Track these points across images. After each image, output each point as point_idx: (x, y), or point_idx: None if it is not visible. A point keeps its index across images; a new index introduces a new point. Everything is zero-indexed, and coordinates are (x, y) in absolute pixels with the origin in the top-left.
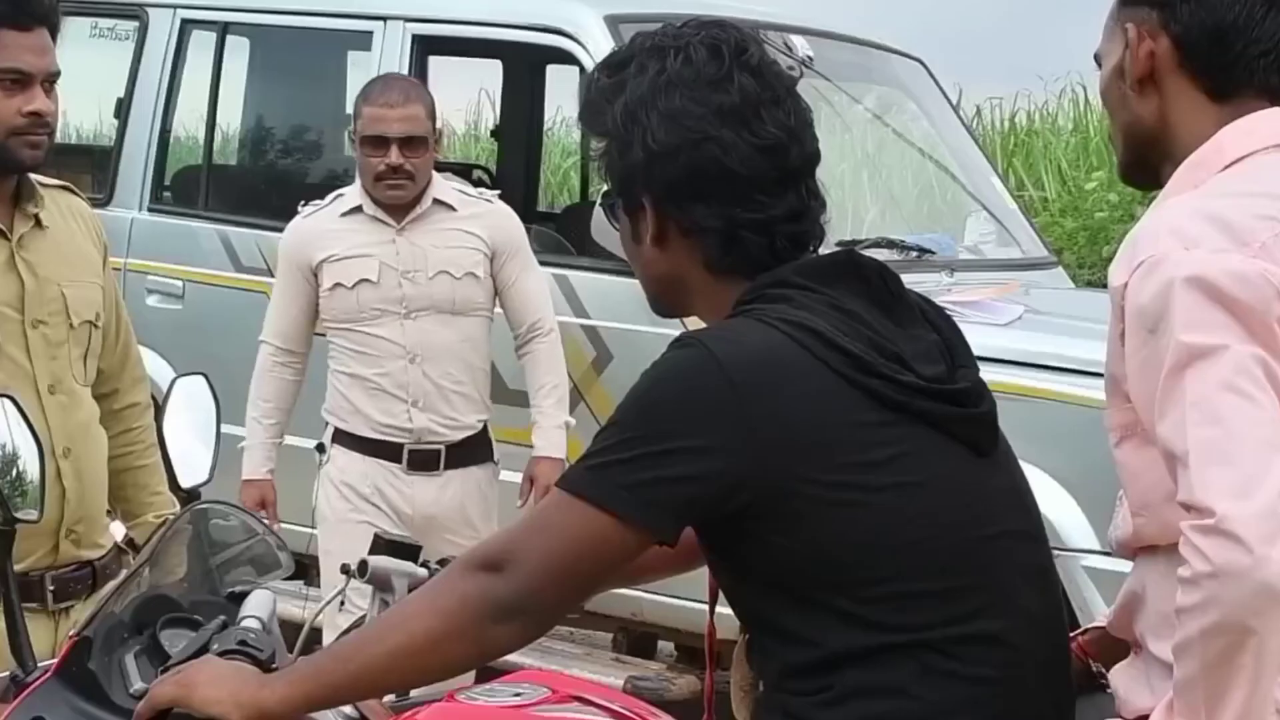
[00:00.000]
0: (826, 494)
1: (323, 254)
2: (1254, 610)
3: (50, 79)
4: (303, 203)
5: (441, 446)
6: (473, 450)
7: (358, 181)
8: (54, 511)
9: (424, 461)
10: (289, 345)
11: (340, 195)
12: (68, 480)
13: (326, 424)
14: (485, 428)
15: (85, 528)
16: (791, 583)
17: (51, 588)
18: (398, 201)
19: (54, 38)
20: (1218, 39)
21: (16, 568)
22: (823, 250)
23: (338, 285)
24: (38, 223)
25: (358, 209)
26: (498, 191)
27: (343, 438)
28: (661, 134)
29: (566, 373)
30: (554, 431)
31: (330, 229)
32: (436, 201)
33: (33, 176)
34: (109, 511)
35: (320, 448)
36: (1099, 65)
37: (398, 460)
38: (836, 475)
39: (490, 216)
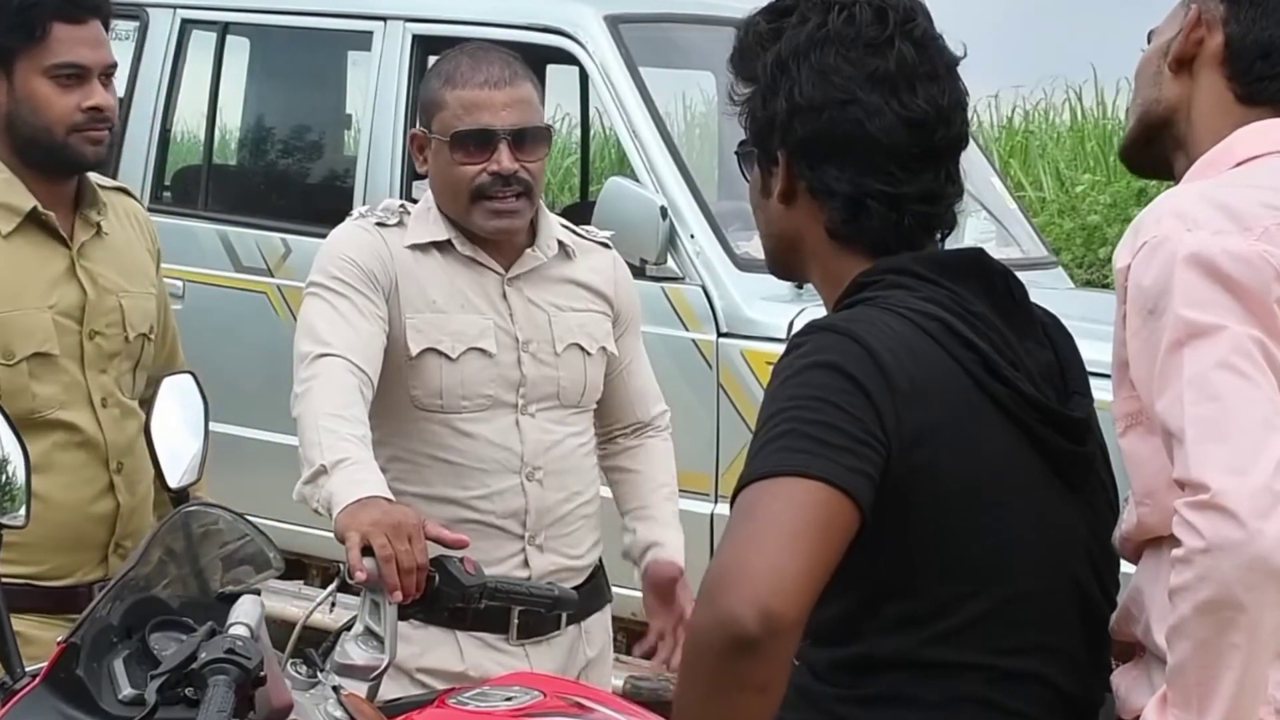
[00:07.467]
0: (938, 499)
1: (413, 291)
2: (1247, 584)
3: (107, 72)
4: (365, 209)
5: None
6: (596, 592)
7: (425, 201)
8: (105, 527)
9: (541, 623)
10: (364, 366)
11: (388, 212)
12: (121, 495)
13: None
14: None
15: (134, 542)
16: (869, 579)
17: None
18: (507, 230)
19: (107, 28)
20: (1265, 53)
21: (64, 581)
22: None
23: (430, 352)
24: (98, 231)
25: (446, 244)
26: (610, 232)
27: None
28: (808, 88)
29: None
30: (676, 535)
31: (410, 259)
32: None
33: (91, 177)
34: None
35: None
36: (1149, 42)
37: (503, 628)
38: (954, 481)
39: (611, 269)
